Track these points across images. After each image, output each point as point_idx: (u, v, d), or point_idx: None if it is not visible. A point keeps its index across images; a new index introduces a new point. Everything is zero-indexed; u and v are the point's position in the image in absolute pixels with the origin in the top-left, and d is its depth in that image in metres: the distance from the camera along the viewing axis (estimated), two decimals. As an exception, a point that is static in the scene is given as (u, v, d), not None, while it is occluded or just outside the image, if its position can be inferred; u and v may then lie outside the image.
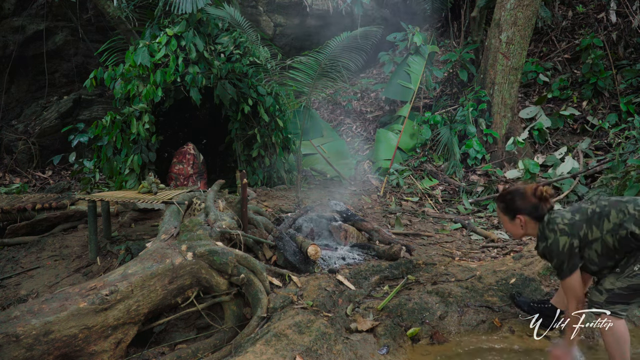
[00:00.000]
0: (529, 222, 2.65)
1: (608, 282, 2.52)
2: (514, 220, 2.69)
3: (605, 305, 2.49)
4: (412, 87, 7.88)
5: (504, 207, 2.73)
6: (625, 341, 2.48)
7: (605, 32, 8.20)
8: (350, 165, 7.60)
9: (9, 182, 7.81)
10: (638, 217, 2.44)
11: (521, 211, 2.65)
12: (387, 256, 3.98)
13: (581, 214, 2.57)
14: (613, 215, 2.49)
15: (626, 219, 2.45)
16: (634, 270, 2.45)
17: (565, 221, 2.56)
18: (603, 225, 2.50)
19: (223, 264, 3.13)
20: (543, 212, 2.63)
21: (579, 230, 2.54)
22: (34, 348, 2.40)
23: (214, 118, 7.07)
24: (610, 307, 2.48)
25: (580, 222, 2.55)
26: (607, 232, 2.48)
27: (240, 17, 6.25)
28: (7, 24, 8.73)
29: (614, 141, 6.63)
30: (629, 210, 2.47)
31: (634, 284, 2.45)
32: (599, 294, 2.54)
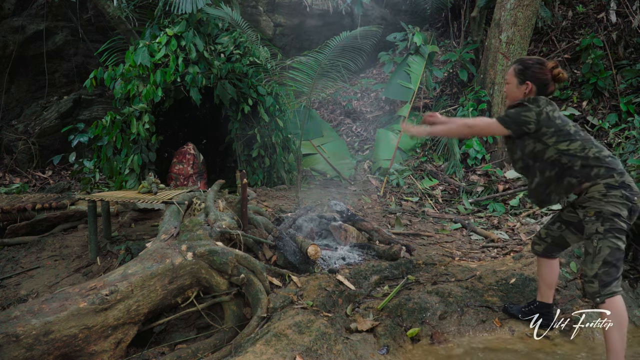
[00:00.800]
0: (533, 92, 2.76)
1: (588, 270, 2.58)
2: (521, 85, 2.77)
3: (603, 290, 2.52)
4: (412, 87, 7.88)
5: (520, 70, 2.79)
6: (625, 321, 2.50)
7: (605, 32, 8.20)
8: (350, 165, 7.60)
9: (9, 182, 7.81)
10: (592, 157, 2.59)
11: (533, 80, 2.74)
12: (387, 256, 3.98)
13: (563, 122, 2.69)
14: (577, 144, 2.63)
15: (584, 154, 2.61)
16: (595, 246, 2.55)
17: (548, 112, 2.67)
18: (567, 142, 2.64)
19: (223, 264, 3.13)
20: (548, 91, 2.76)
21: (547, 127, 2.65)
22: (34, 348, 2.40)
23: (214, 118, 7.07)
24: (607, 289, 2.52)
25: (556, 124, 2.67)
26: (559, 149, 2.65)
27: (240, 17, 6.25)
28: (7, 24, 8.73)
29: (614, 141, 6.63)
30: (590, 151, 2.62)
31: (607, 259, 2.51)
32: (591, 284, 2.57)
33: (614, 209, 2.51)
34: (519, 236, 4.99)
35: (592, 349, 2.99)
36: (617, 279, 2.52)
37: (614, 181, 2.54)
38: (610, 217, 2.51)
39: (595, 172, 2.58)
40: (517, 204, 5.97)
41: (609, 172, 2.56)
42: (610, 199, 2.52)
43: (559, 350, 2.97)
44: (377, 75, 10.52)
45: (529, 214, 5.67)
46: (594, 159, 2.59)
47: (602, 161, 2.58)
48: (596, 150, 2.61)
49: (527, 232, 5.05)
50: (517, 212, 5.84)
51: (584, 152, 2.62)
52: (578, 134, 2.67)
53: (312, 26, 10.20)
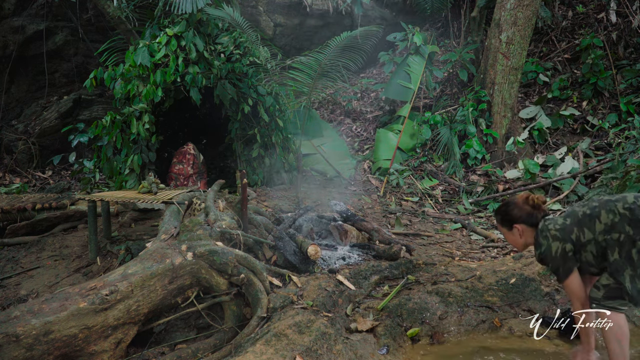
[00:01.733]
0: (526, 230, 2.74)
1: (604, 278, 2.54)
2: (512, 230, 2.78)
3: (604, 301, 2.50)
4: (412, 87, 7.87)
5: (501, 219, 2.83)
6: (625, 337, 2.49)
7: (605, 32, 8.20)
8: (350, 165, 7.60)
9: (9, 182, 7.81)
10: (629, 216, 2.44)
11: (517, 220, 2.74)
12: (387, 256, 3.98)
13: (572, 218, 2.60)
14: (603, 215, 2.51)
15: (617, 220, 2.46)
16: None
17: (557, 227, 2.60)
18: (595, 227, 2.52)
19: (223, 264, 3.13)
20: (537, 219, 2.71)
21: (570, 234, 2.57)
22: (34, 348, 2.40)
23: (214, 118, 7.07)
24: (609, 302, 2.49)
25: (571, 225, 2.58)
26: (599, 234, 2.50)
27: (240, 17, 6.25)
28: (7, 24, 8.73)
29: (614, 141, 6.63)
30: (618, 209, 2.47)
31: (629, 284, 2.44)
32: (597, 290, 2.55)
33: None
34: (519, 236, 4.98)
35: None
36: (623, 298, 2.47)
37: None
38: None
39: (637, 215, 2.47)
40: (517, 204, 5.96)
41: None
42: None
43: (559, 350, 2.97)
44: (377, 75, 10.52)
45: (529, 214, 5.67)
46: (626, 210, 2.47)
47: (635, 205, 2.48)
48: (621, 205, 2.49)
49: (527, 232, 5.05)
50: (517, 212, 5.83)
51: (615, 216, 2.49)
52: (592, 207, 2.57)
53: (312, 26, 10.20)
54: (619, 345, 2.47)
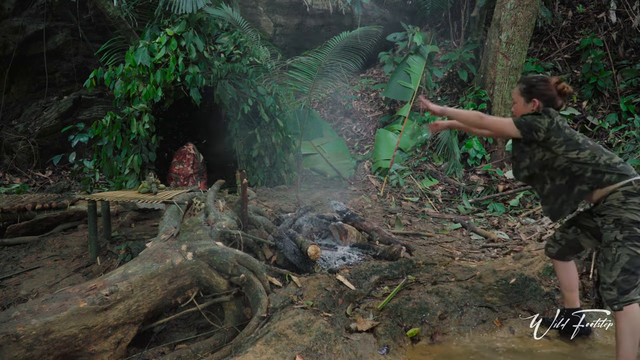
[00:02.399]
0: (540, 109, 2.76)
1: (607, 278, 2.54)
2: (529, 103, 2.79)
3: (621, 298, 2.48)
4: (412, 87, 7.87)
5: (525, 89, 2.81)
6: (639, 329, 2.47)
7: (605, 32, 8.20)
8: (350, 165, 7.60)
9: (9, 182, 7.81)
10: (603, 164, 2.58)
11: (539, 97, 2.76)
12: (387, 256, 3.98)
13: (572, 133, 2.69)
14: (586, 152, 2.63)
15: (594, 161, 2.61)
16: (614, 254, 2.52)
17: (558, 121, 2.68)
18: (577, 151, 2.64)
19: (223, 264, 3.13)
20: (556, 106, 2.76)
21: (556, 137, 2.66)
22: (34, 348, 2.40)
23: (214, 118, 7.07)
24: (626, 297, 2.48)
25: (565, 134, 2.67)
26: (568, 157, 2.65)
27: (240, 17, 6.25)
28: (7, 24, 8.73)
29: (614, 141, 6.63)
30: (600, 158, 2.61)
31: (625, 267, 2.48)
32: (610, 291, 2.53)
33: (632, 216, 2.49)
34: (519, 236, 4.99)
35: (592, 349, 2.99)
36: (636, 286, 2.48)
37: (633, 188, 2.52)
38: (630, 224, 2.49)
39: (607, 178, 2.57)
40: (517, 204, 5.97)
41: (621, 178, 2.56)
42: (629, 206, 2.50)
43: (559, 350, 2.97)
44: (377, 75, 10.52)
45: (528, 214, 5.67)
46: (605, 166, 2.59)
47: (614, 167, 2.58)
48: (607, 158, 2.61)
49: (527, 232, 5.05)
50: (517, 212, 5.84)
51: (594, 160, 2.61)
52: (586, 143, 2.67)
53: (312, 26, 10.20)
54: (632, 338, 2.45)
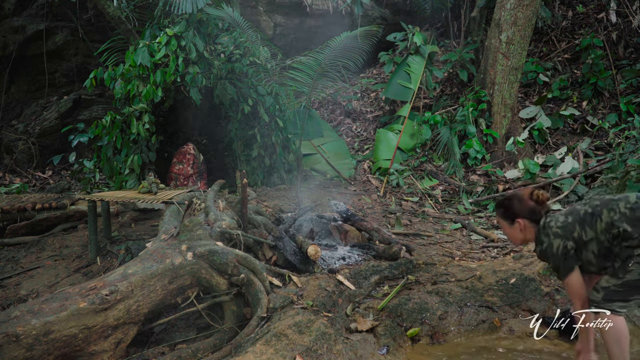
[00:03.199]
0: (528, 225, 2.71)
1: (604, 280, 2.54)
2: (513, 225, 2.75)
3: (602, 303, 2.50)
4: (412, 87, 7.87)
5: (503, 213, 2.79)
6: (625, 339, 2.49)
7: (605, 32, 8.20)
8: (350, 165, 7.60)
9: (9, 182, 7.81)
10: (629, 215, 2.43)
11: (519, 215, 2.71)
12: (387, 256, 3.98)
13: (574, 216, 2.59)
14: (605, 214, 2.50)
15: (617, 217, 2.45)
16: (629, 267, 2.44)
17: (558, 224, 2.60)
18: (596, 225, 2.51)
19: (223, 264, 3.13)
20: (540, 215, 2.69)
21: (572, 232, 2.56)
22: (34, 348, 2.40)
23: (214, 118, 7.07)
24: (608, 304, 2.48)
25: (573, 223, 2.57)
26: (600, 232, 2.50)
27: (240, 17, 6.25)
28: (7, 24, 8.73)
29: (614, 141, 6.63)
30: (620, 208, 2.47)
31: (629, 281, 2.45)
32: (596, 292, 2.54)
33: None
34: (519, 236, 4.98)
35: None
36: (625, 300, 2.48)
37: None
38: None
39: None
40: (517, 204, 5.96)
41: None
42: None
43: (559, 350, 2.97)
44: (377, 75, 10.52)
45: (529, 214, 5.67)
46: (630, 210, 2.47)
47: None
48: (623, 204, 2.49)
49: (527, 232, 5.04)
50: (517, 212, 5.83)
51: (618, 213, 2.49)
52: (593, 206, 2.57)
53: (312, 26, 10.20)
54: (618, 347, 2.47)
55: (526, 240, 2.78)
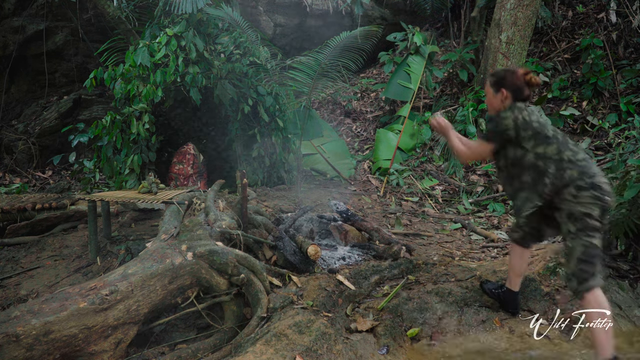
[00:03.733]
0: (508, 98, 2.86)
1: (567, 268, 2.69)
2: (497, 93, 2.89)
3: (580, 287, 2.60)
4: (412, 87, 7.87)
5: (494, 81, 2.92)
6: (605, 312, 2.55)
7: (605, 32, 8.20)
8: (350, 165, 7.60)
9: (9, 182, 7.81)
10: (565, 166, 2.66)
11: (506, 87, 2.85)
12: (387, 256, 3.98)
13: (540, 126, 2.77)
14: (554, 146, 2.71)
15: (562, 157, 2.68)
16: (569, 246, 2.65)
17: (526, 118, 2.78)
18: (546, 147, 2.72)
19: (223, 264, 3.13)
20: (523, 95, 2.85)
21: (525, 131, 2.75)
22: (34, 348, 2.40)
23: (214, 118, 7.07)
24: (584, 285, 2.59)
25: (534, 128, 2.76)
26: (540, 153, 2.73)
27: (240, 17, 6.25)
28: (7, 24, 8.73)
29: (614, 141, 6.62)
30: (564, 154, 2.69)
31: (581, 256, 2.60)
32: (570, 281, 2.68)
33: (584, 209, 2.60)
34: (519, 236, 4.98)
35: (592, 349, 2.98)
36: (593, 274, 2.59)
37: (584, 183, 2.62)
38: (581, 217, 2.61)
39: (569, 174, 2.65)
40: (517, 204, 5.96)
41: (581, 175, 2.64)
42: (580, 199, 2.62)
43: (559, 350, 2.97)
44: (377, 75, 10.52)
45: (529, 214, 5.67)
46: (568, 162, 2.67)
47: (576, 164, 2.66)
48: (570, 154, 2.69)
49: (527, 232, 5.05)
50: (517, 212, 5.83)
51: (559, 155, 2.69)
52: (555, 138, 2.76)
53: (312, 26, 10.20)
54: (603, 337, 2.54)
55: (497, 110, 2.91)
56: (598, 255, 2.62)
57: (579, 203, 2.61)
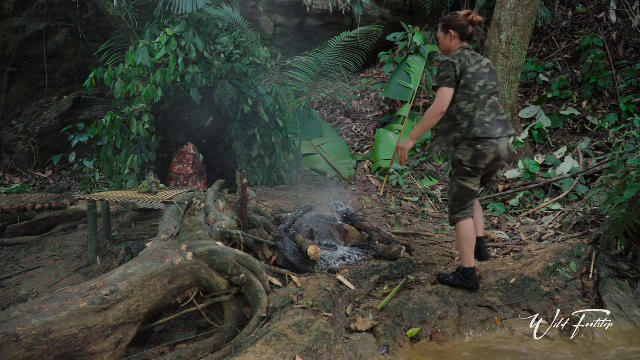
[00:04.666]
0: (456, 38, 3.32)
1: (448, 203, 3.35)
2: (446, 35, 3.34)
3: (452, 218, 3.29)
4: (412, 87, 7.87)
5: (442, 25, 3.38)
6: (472, 240, 3.28)
7: (605, 32, 8.20)
8: (350, 165, 7.60)
9: (9, 182, 7.81)
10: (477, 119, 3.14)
11: (453, 27, 3.31)
12: (387, 256, 3.98)
13: (473, 78, 3.18)
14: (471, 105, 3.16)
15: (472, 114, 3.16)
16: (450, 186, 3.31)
17: (463, 63, 3.18)
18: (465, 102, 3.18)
19: (223, 264, 3.13)
20: (468, 33, 3.32)
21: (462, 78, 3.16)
22: (34, 348, 2.40)
23: (214, 118, 7.07)
24: (455, 217, 3.28)
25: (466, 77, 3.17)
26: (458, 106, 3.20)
27: (240, 17, 6.25)
28: (7, 24, 8.73)
29: (614, 141, 6.62)
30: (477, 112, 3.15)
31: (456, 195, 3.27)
32: (448, 213, 3.34)
33: (459, 156, 3.21)
34: (519, 236, 4.99)
35: (592, 349, 2.99)
36: (462, 209, 3.26)
37: (465, 134, 3.17)
38: (457, 163, 3.23)
39: (474, 131, 3.13)
40: (517, 204, 5.97)
41: (484, 134, 3.12)
42: (458, 148, 3.22)
43: (559, 350, 2.97)
44: (377, 75, 10.51)
45: (528, 214, 5.68)
46: (477, 120, 3.14)
47: (483, 124, 3.14)
48: (482, 113, 3.16)
49: (527, 232, 5.06)
50: (517, 212, 5.84)
51: (473, 113, 3.15)
52: (477, 97, 3.17)
53: (312, 26, 10.20)
54: (467, 246, 3.27)
55: (450, 50, 3.34)
56: (470, 196, 3.24)
57: (456, 151, 3.22)
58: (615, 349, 2.95)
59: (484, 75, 3.22)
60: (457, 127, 3.18)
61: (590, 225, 4.57)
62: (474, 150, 3.12)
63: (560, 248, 3.89)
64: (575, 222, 4.80)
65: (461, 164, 3.18)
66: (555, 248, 3.94)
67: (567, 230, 4.72)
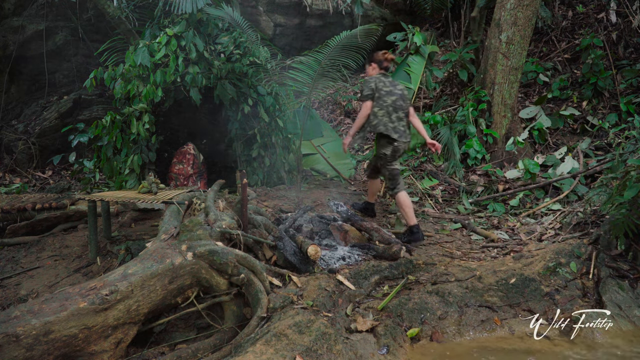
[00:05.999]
0: (375, 68, 4.81)
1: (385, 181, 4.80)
2: (369, 65, 4.85)
3: (390, 192, 4.76)
4: (412, 87, 7.87)
5: (368, 59, 4.89)
6: (409, 205, 4.59)
7: (605, 32, 8.20)
8: (350, 165, 7.60)
9: (9, 182, 7.81)
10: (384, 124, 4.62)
11: (373, 61, 4.83)
12: (387, 256, 3.98)
13: (386, 94, 4.64)
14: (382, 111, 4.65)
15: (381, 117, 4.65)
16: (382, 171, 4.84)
17: (378, 84, 4.66)
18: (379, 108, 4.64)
19: (223, 264, 3.13)
20: (383, 65, 4.77)
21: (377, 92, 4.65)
22: (34, 348, 2.40)
23: (214, 118, 7.07)
24: (392, 191, 4.71)
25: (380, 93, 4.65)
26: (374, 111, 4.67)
27: (240, 17, 6.25)
28: (7, 24, 8.73)
29: (614, 141, 6.62)
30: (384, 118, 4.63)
31: (388, 175, 4.74)
32: (387, 189, 4.82)
33: (381, 149, 4.67)
34: (519, 236, 4.99)
35: (592, 349, 2.99)
36: (397, 185, 4.69)
37: (372, 129, 4.62)
38: (381, 155, 4.69)
39: (379, 128, 4.57)
40: (517, 204, 5.97)
41: (386, 131, 4.57)
42: (379, 143, 4.68)
43: (559, 350, 2.98)
44: (377, 75, 10.49)
45: (528, 214, 5.68)
46: (382, 121, 4.57)
47: (386, 125, 4.57)
48: (387, 119, 4.58)
49: (527, 232, 5.06)
50: (517, 212, 5.84)
51: (382, 117, 4.58)
52: (387, 107, 4.59)
53: (312, 26, 10.20)
54: (408, 209, 4.56)
55: (372, 75, 4.82)
56: (397, 174, 4.73)
57: (379, 146, 4.66)
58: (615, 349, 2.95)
59: (395, 94, 4.66)
60: (368, 123, 4.63)
61: (590, 225, 4.57)
62: (393, 145, 4.59)
63: (560, 248, 3.89)
64: (575, 222, 4.81)
65: (384, 155, 4.65)
66: (555, 248, 3.94)
67: (567, 230, 4.72)
